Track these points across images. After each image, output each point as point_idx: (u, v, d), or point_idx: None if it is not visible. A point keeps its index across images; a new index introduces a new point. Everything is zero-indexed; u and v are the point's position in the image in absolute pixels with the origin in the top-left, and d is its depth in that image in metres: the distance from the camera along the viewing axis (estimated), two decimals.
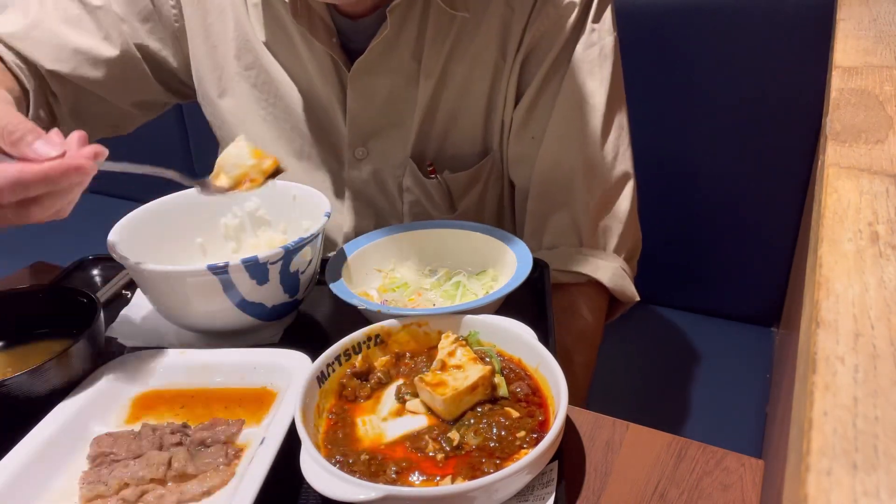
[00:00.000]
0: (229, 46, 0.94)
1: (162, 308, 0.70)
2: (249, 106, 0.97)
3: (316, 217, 0.72)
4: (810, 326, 0.38)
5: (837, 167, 0.55)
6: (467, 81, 0.90)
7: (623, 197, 0.94)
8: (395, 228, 0.81)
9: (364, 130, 0.94)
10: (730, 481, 0.55)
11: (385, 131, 0.94)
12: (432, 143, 0.95)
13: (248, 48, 0.94)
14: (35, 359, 0.59)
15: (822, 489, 0.28)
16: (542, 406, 0.56)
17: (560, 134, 0.89)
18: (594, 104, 0.89)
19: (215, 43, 0.95)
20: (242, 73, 0.95)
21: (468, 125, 0.94)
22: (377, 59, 0.88)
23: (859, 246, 0.44)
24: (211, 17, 0.94)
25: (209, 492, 0.52)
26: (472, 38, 0.88)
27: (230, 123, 0.99)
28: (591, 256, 0.91)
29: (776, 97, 1.18)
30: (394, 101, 0.92)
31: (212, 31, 0.94)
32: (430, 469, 0.51)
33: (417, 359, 0.62)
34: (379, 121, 0.93)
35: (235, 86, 0.96)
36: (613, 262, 0.93)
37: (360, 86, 0.90)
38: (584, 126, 0.89)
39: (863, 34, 0.93)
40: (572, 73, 0.88)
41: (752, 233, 1.31)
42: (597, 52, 0.88)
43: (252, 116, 0.97)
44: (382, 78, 0.90)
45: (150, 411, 0.61)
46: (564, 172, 0.90)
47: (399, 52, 0.88)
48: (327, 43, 0.87)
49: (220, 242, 0.82)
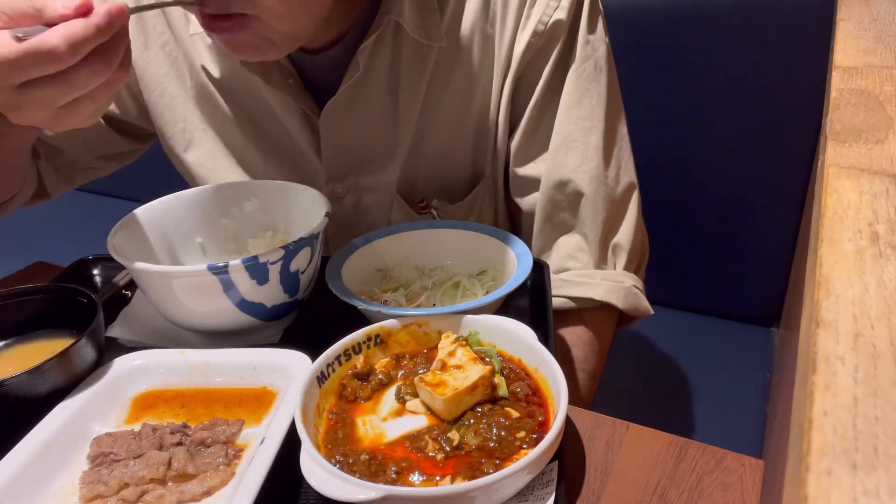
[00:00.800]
0: (188, 97, 0.91)
1: (162, 308, 0.70)
2: (218, 154, 0.93)
3: (316, 217, 0.72)
4: (810, 326, 0.38)
5: (837, 167, 0.55)
6: (453, 111, 0.87)
7: (629, 211, 0.91)
8: (395, 228, 0.81)
9: (341, 169, 0.91)
10: (730, 481, 0.55)
11: (365, 167, 0.91)
12: (420, 178, 0.92)
13: (207, 96, 0.90)
14: (35, 359, 0.59)
15: (822, 489, 0.28)
16: (543, 406, 0.56)
17: (562, 156, 0.87)
18: (594, 121, 0.86)
19: (173, 94, 0.91)
20: (206, 120, 0.92)
21: (458, 155, 0.91)
22: (349, 100, 0.84)
23: (859, 246, 0.44)
24: (164, 66, 0.90)
25: (209, 492, 0.52)
26: (451, 67, 0.85)
27: (200, 176, 0.95)
28: (603, 279, 0.88)
29: (776, 97, 1.18)
30: (372, 137, 0.88)
31: (167, 85, 0.91)
32: (429, 469, 0.51)
33: (417, 359, 0.62)
34: (357, 158, 0.90)
35: (201, 135, 0.92)
36: (626, 281, 0.90)
37: (334, 127, 0.87)
38: (587, 145, 0.86)
39: (863, 34, 0.93)
40: (569, 92, 0.85)
41: (752, 233, 1.31)
42: (592, 65, 0.85)
43: (221, 166, 0.93)
44: (357, 117, 0.86)
45: (150, 411, 0.61)
46: (570, 194, 0.88)
47: (373, 90, 0.85)
48: (283, 87, 0.83)
49: (221, 242, 0.82)
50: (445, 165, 0.92)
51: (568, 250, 0.90)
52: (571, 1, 0.82)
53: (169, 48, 0.89)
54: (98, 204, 2.01)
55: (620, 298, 0.88)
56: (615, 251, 0.91)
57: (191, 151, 0.94)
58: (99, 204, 2.01)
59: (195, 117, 0.92)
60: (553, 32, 0.83)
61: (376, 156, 0.90)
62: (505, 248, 0.76)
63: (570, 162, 0.86)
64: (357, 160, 0.90)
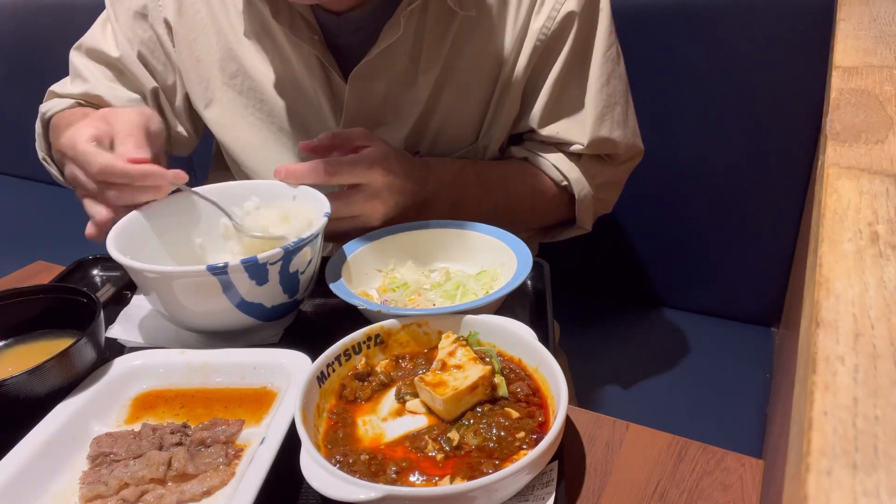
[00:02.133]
0: (213, 58, 0.96)
1: (161, 308, 0.70)
2: (235, 113, 0.98)
3: (316, 217, 0.72)
4: (810, 326, 0.38)
5: (837, 167, 0.55)
6: (466, 79, 0.92)
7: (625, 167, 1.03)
8: (395, 228, 0.81)
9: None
10: (730, 481, 0.55)
11: (378, 128, 0.95)
12: (425, 138, 0.96)
13: (231, 57, 0.95)
14: (35, 359, 0.59)
15: (822, 489, 0.28)
16: (542, 406, 0.56)
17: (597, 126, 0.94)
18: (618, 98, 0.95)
19: (199, 56, 0.97)
20: (228, 81, 0.97)
21: (463, 121, 0.96)
22: (376, 63, 0.88)
23: (859, 246, 0.44)
24: (194, 31, 0.96)
25: (209, 492, 0.52)
26: (470, 35, 0.89)
27: (217, 133, 1.01)
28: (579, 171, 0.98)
29: (776, 97, 1.18)
30: (389, 101, 0.93)
31: (196, 46, 0.96)
32: (429, 469, 0.51)
33: (417, 360, 0.62)
34: (373, 119, 0.94)
35: (221, 95, 0.98)
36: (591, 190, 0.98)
37: (358, 88, 0.90)
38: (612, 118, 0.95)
39: (863, 34, 0.93)
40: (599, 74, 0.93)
41: (752, 233, 1.31)
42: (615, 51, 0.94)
43: (239, 123, 0.99)
44: (380, 79, 0.90)
45: (150, 411, 0.61)
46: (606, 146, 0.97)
47: (397, 54, 0.89)
48: (310, 41, 0.88)
49: (220, 243, 0.82)
50: (449, 131, 0.96)
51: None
52: None
53: (200, 16, 0.95)
54: None
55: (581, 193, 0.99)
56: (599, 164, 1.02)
57: (211, 108, 0.99)
58: None
59: (217, 79, 0.97)
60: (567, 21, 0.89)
61: (390, 118, 0.94)
62: (505, 248, 0.76)
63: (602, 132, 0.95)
64: (374, 121, 0.94)
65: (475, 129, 0.97)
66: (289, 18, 0.86)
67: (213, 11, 0.94)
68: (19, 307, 0.67)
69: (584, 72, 0.93)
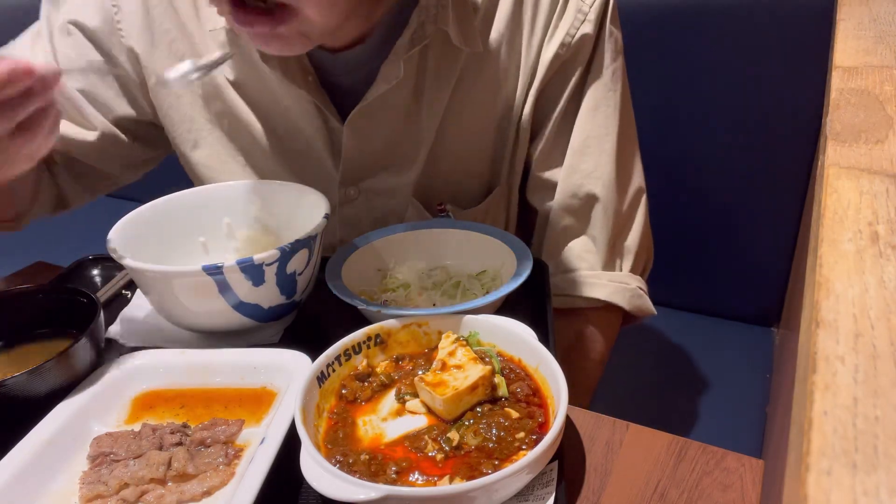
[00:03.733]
0: (195, 95, 0.88)
1: (160, 308, 0.70)
2: (224, 155, 0.91)
3: (316, 218, 0.72)
4: (810, 326, 0.38)
5: (837, 167, 0.55)
6: (475, 117, 0.88)
7: (639, 213, 0.93)
8: (395, 228, 0.81)
9: (358, 173, 0.90)
10: (730, 481, 0.55)
11: (381, 171, 0.90)
12: (437, 182, 0.92)
13: (215, 94, 0.87)
14: (35, 359, 0.59)
15: (822, 489, 0.28)
16: (543, 407, 0.56)
17: (577, 162, 0.88)
18: (609, 129, 0.87)
19: (179, 94, 0.89)
20: (213, 120, 0.89)
21: (475, 161, 0.91)
22: (376, 105, 0.83)
23: (859, 246, 0.44)
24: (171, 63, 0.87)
25: (209, 492, 0.52)
26: (479, 72, 0.85)
27: (206, 177, 0.93)
28: (609, 280, 0.90)
29: (776, 97, 1.18)
30: (393, 141, 0.87)
31: None
32: (429, 469, 0.51)
33: (417, 360, 0.62)
34: (376, 162, 0.89)
35: (207, 135, 0.90)
36: (631, 283, 0.91)
37: (358, 131, 0.85)
38: (601, 152, 0.88)
39: (863, 34, 0.93)
40: (587, 100, 0.87)
41: (752, 233, 1.31)
42: (610, 75, 0.87)
43: (228, 166, 0.92)
44: (379, 121, 0.85)
45: (150, 411, 0.61)
46: (583, 198, 0.89)
47: (398, 95, 0.83)
48: (304, 84, 0.81)
49: (223, 241, 0.82)
50: (463, 170, 0.92)
51: (577, 251, 0.91)
52: (598, 14, 0.83)
53: (176, 46, 0.86)
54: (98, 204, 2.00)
55: (626, 299, 0.90)
56: (623, 254, 0.92)
57: (197, 151, 0.92)
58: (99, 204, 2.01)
59: (201, 117, 0.90)
60: (580, 45, 0.84)
61: (395, 160, 0.89)
62: (505, 248, 0.76)
63: (584, 167, 0.88)
64: (375, 164, 0.89)
65: (489, 169, 0.92)
66: (279, 60, 0.79)
67: (192, 43, 0.85)
68: (19, 307, 0.67)
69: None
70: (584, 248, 0.91)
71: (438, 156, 0.89)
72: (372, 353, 0.62)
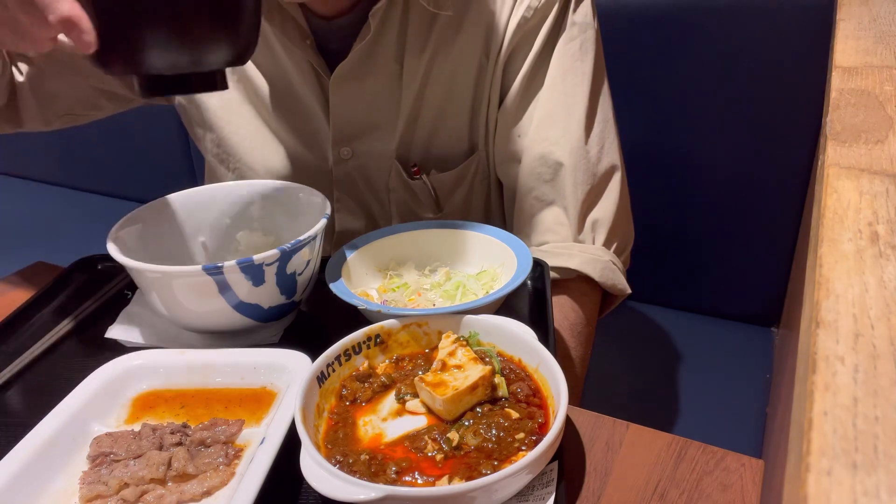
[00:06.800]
0: None
1: (160, 308, 0.70)
2: (235, 105, 0.97)
3: (316, 218, 0.72)
4: (810, 326, 0.38)
5: (837, 167, 0.55)
6: (451, 81, 0.91)
7: (610, 189, 0.93)
8: (394, 228, 0.81)
9: (348, 132, 0.95)
10: (730, 481, 0.55)
11: (369, 132, 0.95)
12: (417, 145, 0.95)
13: None
14: None
15: (822, 489, 0.28)
16: (542, 407, 0.56)
17: (544, 130, 0.89)
18: (577, 99, 0.89)
19: None
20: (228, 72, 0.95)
21: (454, 125, 0.94)
22: (359, 64, 0.88)
23: (859, 246, 0.44)
24: None
25: (209, 492, 0.52)
26: (454, 37, 0.88)
27: (216, 125, 0.99)
28: (580, 251, 0.91)
29: (776, 97, 1.18)
30: (377, 103, 0.92)
31: None
32: (429, 469, 0.51)
33: (417, 360, 0.62)
34: (363, 122, 0.94)
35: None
36: (603, 256, 0.91)
37: (343, 90, 0.91)
38: (568, 122, 0.89)
39: (863, 34, 0.93)
40: (554, 69, 0.89)
41: (752, 233, 1.31)
42: (577, 46, 0.89)
43: (238, 117, 0.98)
44: (365, 81, 0.90)
45: (150, 411, 0.61)
46: (550, 169, 0.90)
47: (381, 55, 0.89)
48: (301, 46, 0.88)
49: (223, 242, 0.82)
50: (441, 134, 0.95)
51: (547, 224, 0.92)
52: None
53: None
54: (98, 204, 2.01)
55: (597, 271, 0.90)
56: (594, 227, 0.92)
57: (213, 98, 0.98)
58: (99, 204, 2.01)
59: None
60: (546, 11, 0.87)
61: (380, 121, 0.94)
62: (505, 248, 0.76)
63: (551, 135, 0.89)
64: (362, 125, 0.94)
65: (468, 135, 0.95)
66: (280, 21, 0.87)
67: None
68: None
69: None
70: (555, 220, 0.92)
71: (417, 120, 0.93)
72: (372, 353, 0.62)
